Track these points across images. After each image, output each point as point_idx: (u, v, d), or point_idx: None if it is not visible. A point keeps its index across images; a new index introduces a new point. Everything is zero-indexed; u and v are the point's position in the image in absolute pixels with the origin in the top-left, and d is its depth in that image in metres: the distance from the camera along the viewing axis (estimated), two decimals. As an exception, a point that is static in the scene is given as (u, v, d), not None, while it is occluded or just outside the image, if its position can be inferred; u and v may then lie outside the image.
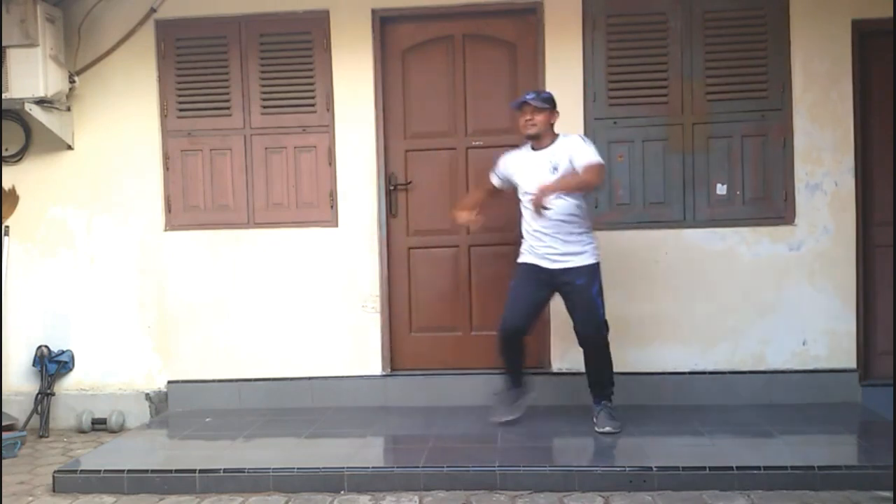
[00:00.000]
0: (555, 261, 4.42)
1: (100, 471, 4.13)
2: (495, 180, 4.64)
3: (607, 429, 4.42)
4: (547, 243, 4.41)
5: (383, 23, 5.18)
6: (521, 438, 4.41)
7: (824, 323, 4.96)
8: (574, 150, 4.38)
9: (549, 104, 4.45)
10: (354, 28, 5.14)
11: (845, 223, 4.95)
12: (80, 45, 5.23)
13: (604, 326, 4.48)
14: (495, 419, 4.63)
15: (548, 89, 5.00)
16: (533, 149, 4.50)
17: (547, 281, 4.46)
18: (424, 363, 5.23)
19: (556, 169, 4.38)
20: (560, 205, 4.37)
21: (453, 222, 5.15)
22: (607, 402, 4.54)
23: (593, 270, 4.44)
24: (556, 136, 4.49)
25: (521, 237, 4.57)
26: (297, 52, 5.21)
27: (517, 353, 4.59)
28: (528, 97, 4.45)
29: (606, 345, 4.50)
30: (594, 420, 4.52)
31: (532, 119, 4.42)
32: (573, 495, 3.79)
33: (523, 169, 4.50)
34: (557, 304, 4.59)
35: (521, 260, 4.55)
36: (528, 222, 4.48)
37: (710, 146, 5.03)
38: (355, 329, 5.21)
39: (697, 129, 5.03)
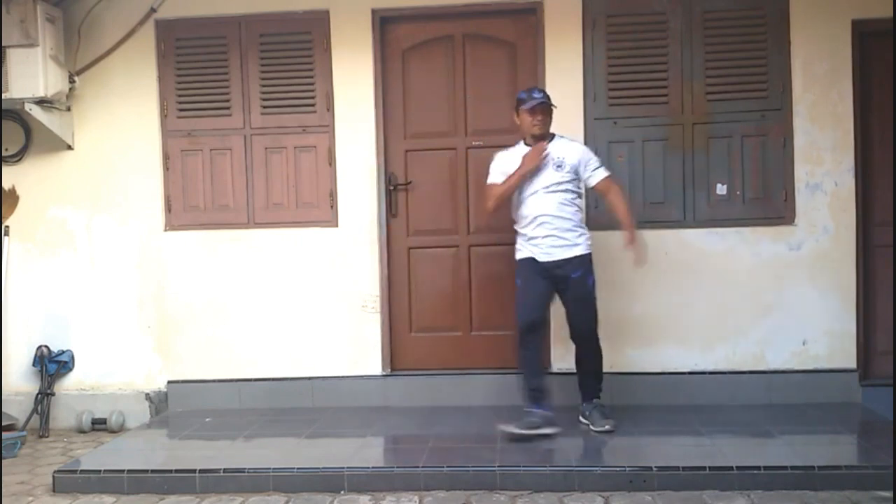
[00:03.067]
0: (551, 254, 4.43)
1: (100, 471, 4.13)
2: (498, 181, 4.56)
3: (606, 427, 4.42)
4: (544, 236, 4.43)
5: (383, 23, 5.19)
6: (521, 438, 4.39)
7: (824, 323, 4.96)
8: (585, 157, 4.51)
9: (551, 105, 4.51)
10: (354, 28, 5.14)
11: (845, 223, 4.95)
12: (80, 45, 5.23)
13: (595, 319, 4.50)
14: (504, 428, 4.39)
15: (548, 89, 5.00)
16: (530, 146, 4.50)
17: (546, 274, 4.46)
18: (424, 363, 5.23)
19: (559, 167, 4.42)
20: (558, 201, 4.42)
21: (453, 222, 5.18)
22: (598, 400, 4.56)
23: (587, 262, 4.48)
24: (552, 135, 4.52)
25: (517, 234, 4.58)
26: (296, 52, 5.21)
27: (538, 354, 4.52)
28: (542, 97, 4.45)
29: (598, 339, 4.53)
30: (583, 419, 4.54)
31: (544, 119, 4.45)
32: (573, 495, 3.79)
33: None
34: (557, 306, 4.59)
35: (520, 256, 4.54)
36: (526, 217, 4.47)
37: (710, 146, 5.03)
38: (355, 329, 5.21)
39: (697, 129, 5.03)
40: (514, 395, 4.89)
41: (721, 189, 5.03)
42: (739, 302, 4.99)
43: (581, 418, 4.58)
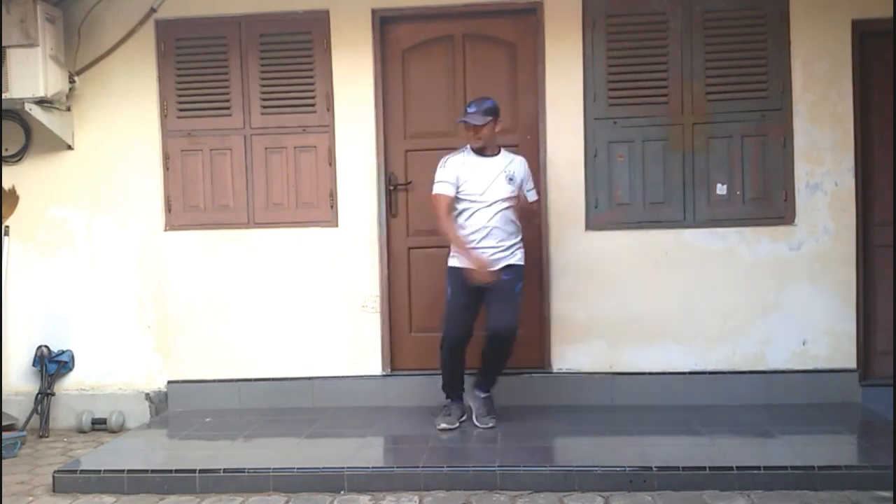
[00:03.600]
0: (491, 264, 4.43)
1: (100, 471, 4.13)
2: (451, 191, 4.49)
3: (490, 425, 4.52)
4: (488, 247, 4.44)
5: (383, 23, 5.18)
6: (521, 438, 4.41)
7: (824, 323, 4.96)
8: (527, 174, 4.61)
9: (492, 114, 4.49)
10: (354, 28, 5.14)
11: (845, 223, 4.94)
12: (80, 45, 5.23)
13: (517, 327, 4.50)
14: (439, 426, 4.58)
15: (548, 89, 5.02)
16: (480, 154, 4.52)
17: (478, 285, 4.45)
18: (424, 363, 5.21)
19: (511, 180, 4.48)
20: (507, 213, 4.47)
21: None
22: (489, 395, 4.64)
23: (520, 271, 4.54)
24: (499, 146, 4.57)
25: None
26: (297, 52, 5.21)
27: (461, 363, 4.62)
28: (467, 113, 4.48)
29: (513, 346, 4.53)
30: (472, 407, 4.62)
31: (477, 134, 4.48)
32: (573, 495, 3.79)
33: (475, 174, 4.49)
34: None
35: (455, 264, 4.52)
36: (472, 228, 4.46)
37: (710, 146, 5.03)
38: (355, 329, 5.21)
39: (697, 129, 5.03)
40: (514, 394, 4.92)
41: (721, 189, 5.03)
42: (739, 302, 4.99)
43: (469, 402, 4.65)
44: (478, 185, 4.48)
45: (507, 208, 4.48)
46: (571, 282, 5.02)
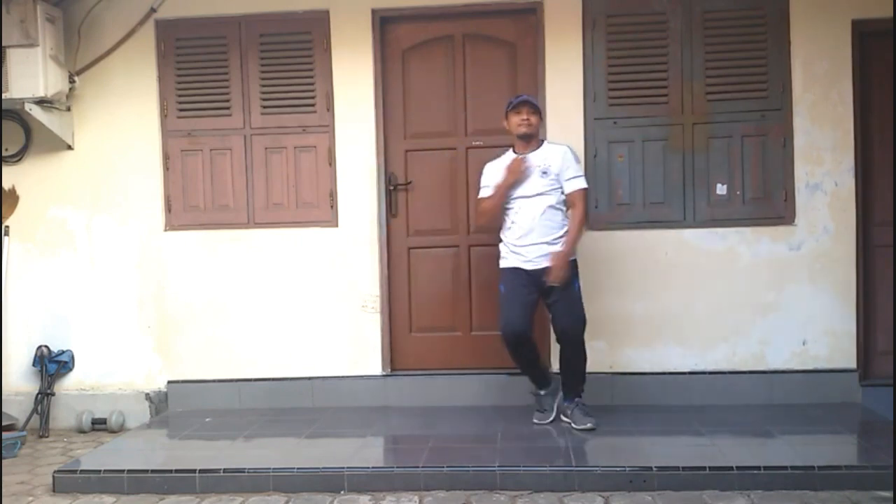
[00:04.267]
0: (537, 263, 4.44)
1: (100, 471, 4.13)
2: (489, 194, 4.58)
3: (588, 425, 4.45)
4: (530, 244, 4.44)
5: (383, 23, 5.18)
6: (521, 438, 4.41)
7: (824, 323, 4.96)
8: (565, 162, 4.48)
9: (539, 109, 4.56)
10: (354, 28, 5.14)
11: (845, 223, 4.94)
12: (80, 45, 5.23)
13: (584, 322, 4.50)
14: (536, 421, 4.64)
15: (548, 89, 5.03)
16: (517, 153, 4.53)
17: (532, 284, 4.47)
18: (424, 363, 5.23)
19: (545, 173, 4.45)
20: (545, 208, 4.44)
21: (453, 222, 5.19)
22: (580, 399, 4.59)
23: (573, 267, 4.50)
24: (541, 140, 4.56)
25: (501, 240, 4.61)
26: (297, 52, 5.21)
27: (531, 353, 4.58)
28: (526, 96, 4.51)
29: (584, 342, 4.53)
30: (565, 418, 4.58)
31: (528, 119, 4.47)
32: (573, 495, 3.79)
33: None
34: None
35: (505, 265, 4.56)
36: (512, 225, 4.49)
37: (710, 146, 5.03)
38: (355, 329, 5.21)
39: (697, 129, 5.03)
40: (514, 394, 4.91)
41: (721, 189, 5.03)
42: (739, 302, 4.99)
43: (563, 416, 4.61)
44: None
45: (549, 205, 4.45)
46: (571, 282, 5.03)
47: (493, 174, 4.57)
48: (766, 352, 4.99)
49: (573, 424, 4.50)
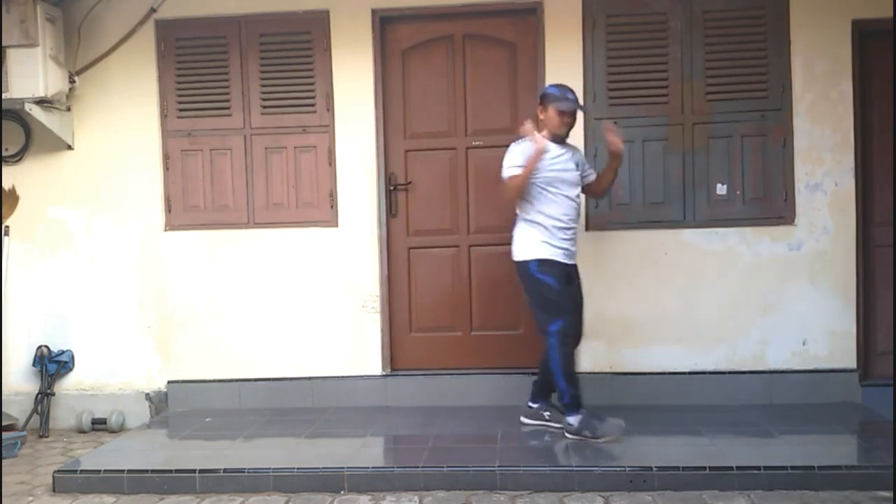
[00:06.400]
0: (572, 256, 4.45)
1: (100, 471, 4.13)
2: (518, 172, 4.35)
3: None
4: (570, 238, 4.41)
5: (383, 23, 5.18)
6: (521, 438, 4.42)
7: (824, 323, 4.96)
8: (583, 158, 4.62)
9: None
10: (354, 28, 5.14)
11: (845, 223, 4.95)
12: (80, 45, 5.23)
13: None
14: (614, 433, 4.31)
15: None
16: (556, 141, 4.42)
17: (569, 278, 4.45)
18: (424, 363, 5.23)
19: (578, 166, 4.47)
20: (578, 202, 4.46)
21: (453, 222, 5.18)
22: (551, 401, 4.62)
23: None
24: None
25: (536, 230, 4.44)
26: (297, 52, 5.21)
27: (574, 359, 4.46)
28: (576, 103, 4.40)
29: None
30: (553, 422, 4.53)
31: (571, 123, 4.43)
32: (573, 495, 3.79)
33: (555, 157, 4.37)
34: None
35: (542, 256, 4.33)
36: (557, 218, 4.34)
37: (710, 146, 5.03)
38: (355, 329, 5.21)
39: (697, 129, 5.03)
40: (514, 394, 4.91)
41: (721, 189, 5.03)
42: (739, 302, 4.99)
43: (536, 420, 4.59)
44: (556, 166, 4.36)
45: (579, 198, 4.47)
46: (571, 282, 5.03)
47: (520, 155, 4.35)
48: (766, 352, 4.99)
49: (559, 425, 4.49)
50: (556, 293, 4.32)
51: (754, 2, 4.97)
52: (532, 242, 4.37)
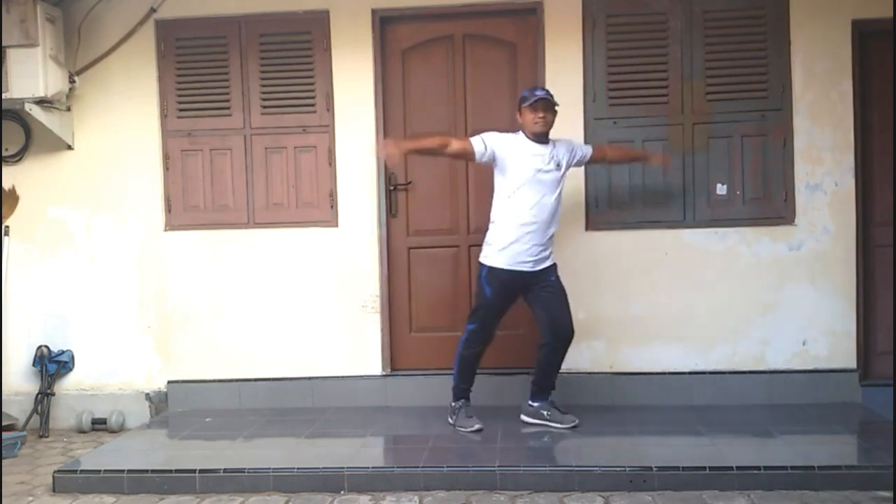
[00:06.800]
0: (536, 263, 4.43)
1: (100, 471, 4.13)
2: (479, 146, 4.37)
3: (575, 423, 4.51)
4: (532, 245, 4.40)
5: (383, 23, 5.18)
6: (521, 438, 4.42)
7: (824, 323, 4.96)
8: (570, 144, 4.58)
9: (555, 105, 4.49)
10: (354, 28, 5.14)
11: (845, 223, 4.95)
12: (80, 45, 5.23)
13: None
14: (472, 427, 4.56)
15: (548, 89, 5.01)
16: (535, 141, 4.43)
17: (519, 286, 4.46)
18: (424, 363, 5.22)
19: (559, 166, 4.44)
20: (555, 205, 4.43)
21: (453, 222, 5.18)
22: (552, 399, 4.65)
23: (555, 267, 4.55)
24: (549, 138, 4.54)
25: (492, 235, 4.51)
26: (297, 52, 5.21)
27: (479, 360, 4.65)
28: (544, 94, 4.40)
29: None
30: (541, 419, 4.58)
31: (545, 117, 4.40)
32: (573, 495, 3.79)
33: (522, 156, 4.38)
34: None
35: (493, 264, 4.42)
36: (520, 223, 4.37)
37: (710, 146, 5.03)
38: (355, 329, 5.21)
39: (697, 129, 5.03)
40: (514, 394, 4.91)
41: (721, 189, 5.03)
42: (739, 302, 4.99)
43: (535, 419, 4.62)
44: (522, 166, 4.35)
45: (557, 200, 4.44)
46: (571, 282, 4.99)
47: (502, 143, 4.39)
48: (766, 352, 4.99)
49: (561, 424, 4.52)
50: (487, 303, 4.48)
51: (754, 2, 4.97)
52: (492, 248, 4.45)
